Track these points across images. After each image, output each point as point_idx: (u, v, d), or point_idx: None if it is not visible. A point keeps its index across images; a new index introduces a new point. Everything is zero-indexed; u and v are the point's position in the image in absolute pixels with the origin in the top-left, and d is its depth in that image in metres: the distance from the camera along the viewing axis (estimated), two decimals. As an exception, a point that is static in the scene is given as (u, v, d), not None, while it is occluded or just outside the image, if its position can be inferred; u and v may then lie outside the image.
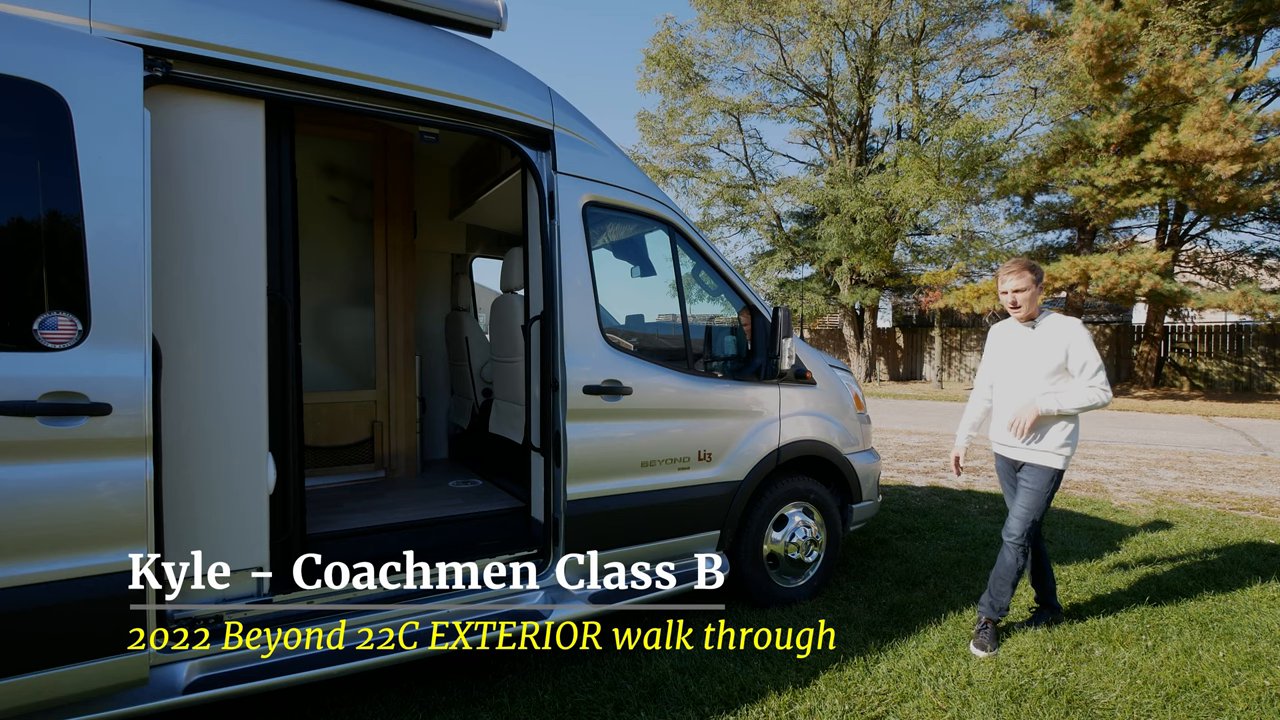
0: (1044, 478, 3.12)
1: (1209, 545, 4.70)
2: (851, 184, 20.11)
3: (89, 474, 1.89)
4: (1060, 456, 3.12)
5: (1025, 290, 3.12)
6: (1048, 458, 3.13)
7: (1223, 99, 13.99)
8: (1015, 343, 3.24)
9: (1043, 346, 3.11)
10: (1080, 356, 3.03)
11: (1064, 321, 3.12)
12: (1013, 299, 3.15)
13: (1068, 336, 3.07)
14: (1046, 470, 3.12)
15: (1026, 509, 3.14)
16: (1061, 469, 3.12)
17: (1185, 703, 2.65)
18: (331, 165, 4.53)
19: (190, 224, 2.21)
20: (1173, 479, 7.23)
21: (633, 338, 3.65)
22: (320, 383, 4.27)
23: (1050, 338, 3.11)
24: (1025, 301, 3.13)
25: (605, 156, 3.16)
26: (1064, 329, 3.09)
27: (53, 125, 1.86)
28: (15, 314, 1.82)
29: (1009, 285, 3.15)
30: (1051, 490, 3.13)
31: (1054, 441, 3.12)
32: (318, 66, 2.40)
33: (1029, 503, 3.14)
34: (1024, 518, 3.14)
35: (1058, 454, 3.12)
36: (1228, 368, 18.51)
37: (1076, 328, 3.08)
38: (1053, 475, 3.12)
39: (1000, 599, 3.17)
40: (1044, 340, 3.12)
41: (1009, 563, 3.18)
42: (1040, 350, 3.11)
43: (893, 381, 23.42)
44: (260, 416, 2.33)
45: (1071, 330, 3.08)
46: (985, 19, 20.63)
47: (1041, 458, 3.14)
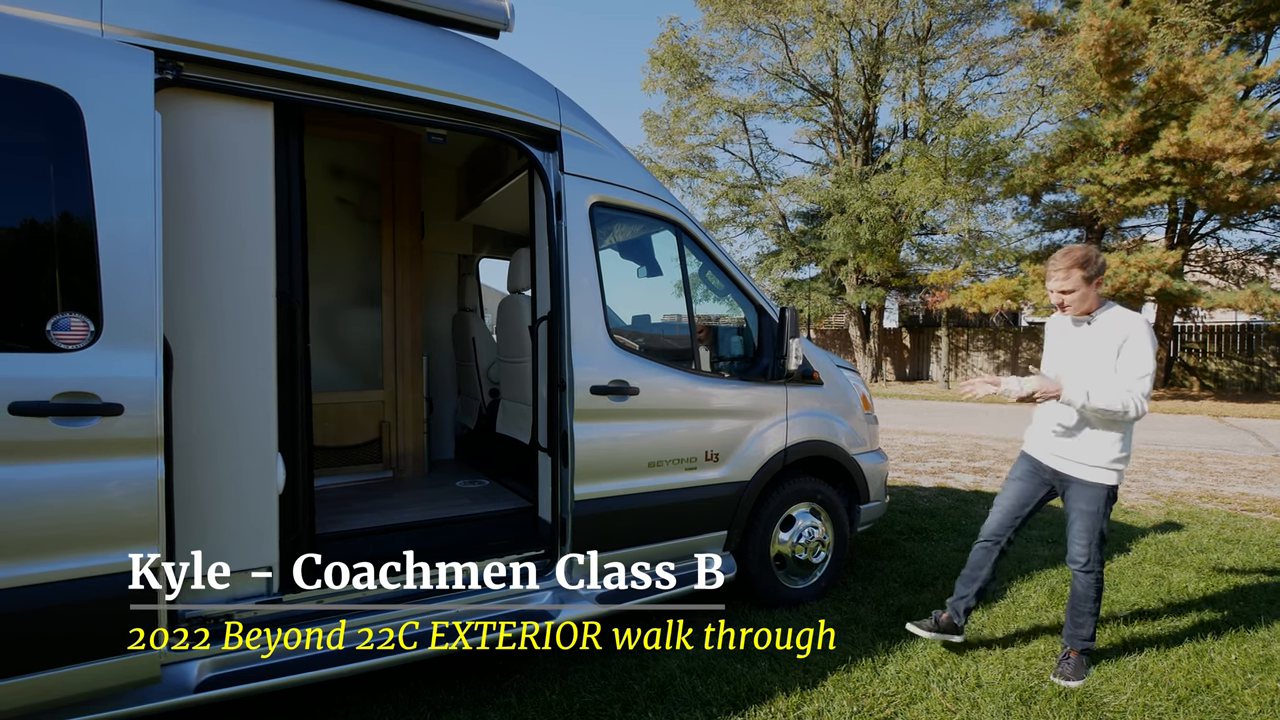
0: (1098, 497, 2.77)
1: (1220, 547, 4.67)
2: (857, 183, 20.06)
3: (101, 474, 1.91)
4: (1113, 471, 2.76)
5: (1073, 292, 2.73)
6: (1099, 473, 2.77)
7: (1233, 95, 13.90)
8: (1071, 337, 2.87)
9: (1098, 342, 2.74)
10: (1132, 355, 2.66)
11: (1125, 316, 2.72)
12: (1059, 299, 2.79)
13: (1126, 331, 2.68)
14: (1099, 488, 2.77)
15: (1088, 531, 2.80)
16: (1115, 485, 2.78)
17: (1197, 705, 2.63)
18: (339, 167, 4.55)
19: (200, 225, 2.23)
20: (1183, 480, 7.18)
21: (640, 338, 3.65)
22: (328, 383, 4.29)
23: (1107, 332, 2.73)
24: (1075, 302, 2.75)
25: (612, 157, 3.16)
26: (1124, 323, 2.70)
27: (65, 128, 1.88)
28: (29, 315, 1.84)
29: (1053, 285, 2.77)
30: (1109, 509, 2.80)
31: (1105, 454, 2.76)
32: (326, 68, 2.41)
33: (1088, 525, 2.79)
34: (1087, 541, 2.80)
35: (1110, 469, 2.76)
36: (1238, 368, 18.37)
37: (1138, 325, 2.67)
38: (1107, 493, 2.77)
39: (1082, 630, 2.86)
40: (1100, 335, 2.75)
41: (1080, 591, 2.86)
42: (1096, 346, 2.74)
43: (899, 382, 23.33)
44: (270, 417, 2.34)
45: (1132, 326, 2.68)
46: (992, 17, 20.58)
47: (1092, 474, 2.78)
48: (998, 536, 3.03)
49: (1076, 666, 2.83)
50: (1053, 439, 2.90)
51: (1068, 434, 2.84)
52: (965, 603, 3.06)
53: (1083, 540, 2.81)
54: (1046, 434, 2.94)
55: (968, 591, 3.06)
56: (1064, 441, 2.86)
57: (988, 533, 3.06)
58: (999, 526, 3.03)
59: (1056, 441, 2.89)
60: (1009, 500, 3.03)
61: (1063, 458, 2.87)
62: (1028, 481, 3.01)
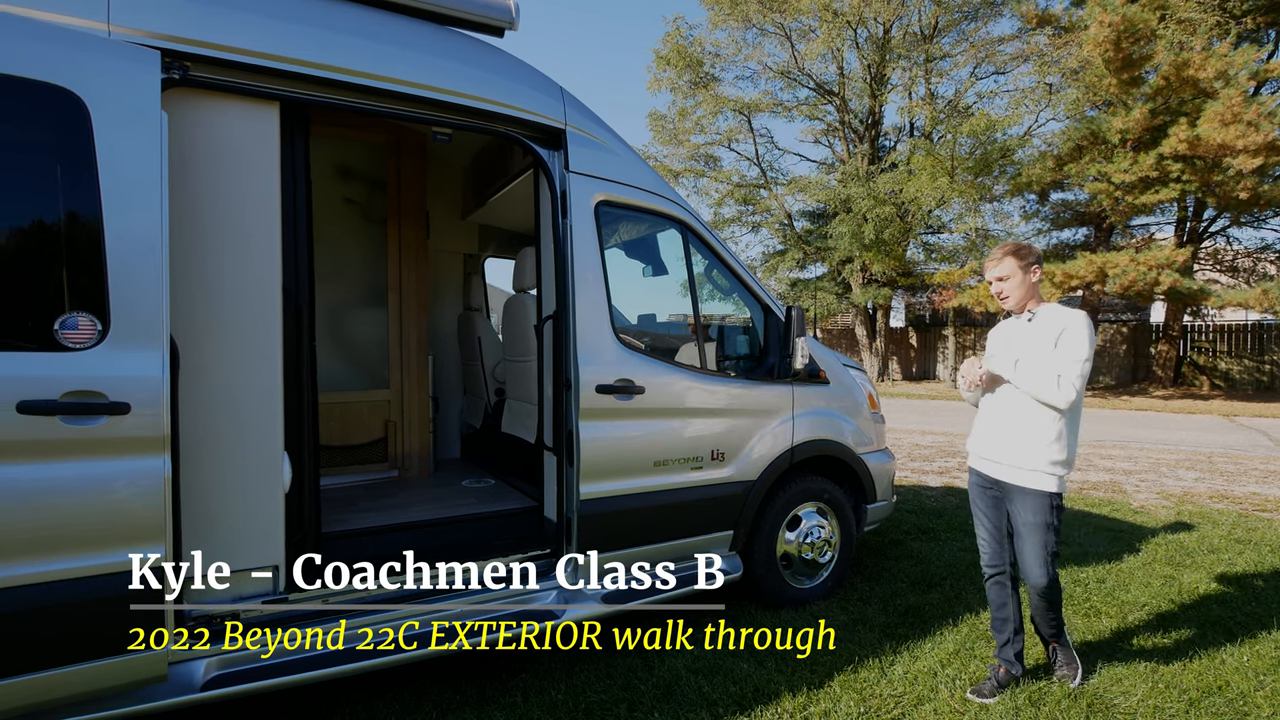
0: (1040, 506, 2.56)
1: (1231, 547, 4.62)
2: (864, 182, 19.99)
3: (108, 473, 1.91)
4: (1052, 476, 2.55)
5: (1009, 278, 2.64)
6: (1036, 478, 2.56)
7: (1245, 91, 13.77)
8: (1011, 337, 2.73)
9: (1037, 336, 2.61)
10: (1068, 343, 2.51)
11: (1063, 311, 2.61)
12: (998, 289, 2.68)
13: (1063, 323, 2.55)
14: (1040, 495, 2.56)
15: (1037, 547, 2.57)
16: (1057, 491, 2.56)
17: (1209, 707, 2.61)
18: (345, 167, 4.56)
19: (207, 225, 2.23)
20: (1193, 479, 7.12)
21: (645, 337, 3.65)
22: (334, 382, 4.30)
23: (1045, 326, 2.60)
24: (1012, 291, 2.64)
25: (617, 155, 3.16)
26: (1061, 317, 2.58)
27: (73, 128, 1.89)
28: (37, 314, 1.85)
29: (989, 274, 2.70)
30: (1056, 518, 2.57)
31: (1041, 456, 2.55)
32: (332, 68, 2.41)
33: (1037, 540, 2.57)
34: (1042, 559, 2.58)
35: (1048, 473, 2.55)
36: (1249, 367, 18.21)
37: (1077, 318, 2.55)
38: (1049, 500, 2.56)
39: (1051, 625, 2.75)
40: (1039, 330, 2.62)
41: (1038, 604, 2.70)
42: (1035, 340, 2.61)
43: (906, 381, 23.25)
44: (276, 416, 2.35)
45: (1069, 319, 2.56)
46: (998, 15, 20.45)
47: (1029, 478, 2.58)
48: (998, 565, 2.80)
49: (1067, 657, 2.81)
50: (988, 444, 2.73)
51: (1000, 436, 2.67)
52: (1013, 648, 2.78)
53: (1036, 558, 2.58)
54: (983, 439, 2.77)
55: (1007, 635, 2.80)
56: (998, 444, 2.68)
57: (986, 564, 2.85)
58: (992, 555, 2.81)
59: (991, 445, 2.72)
60: (984, 524, 2.82)
61: (997, 462, 2.69)
62: (984, 499, 2.80)
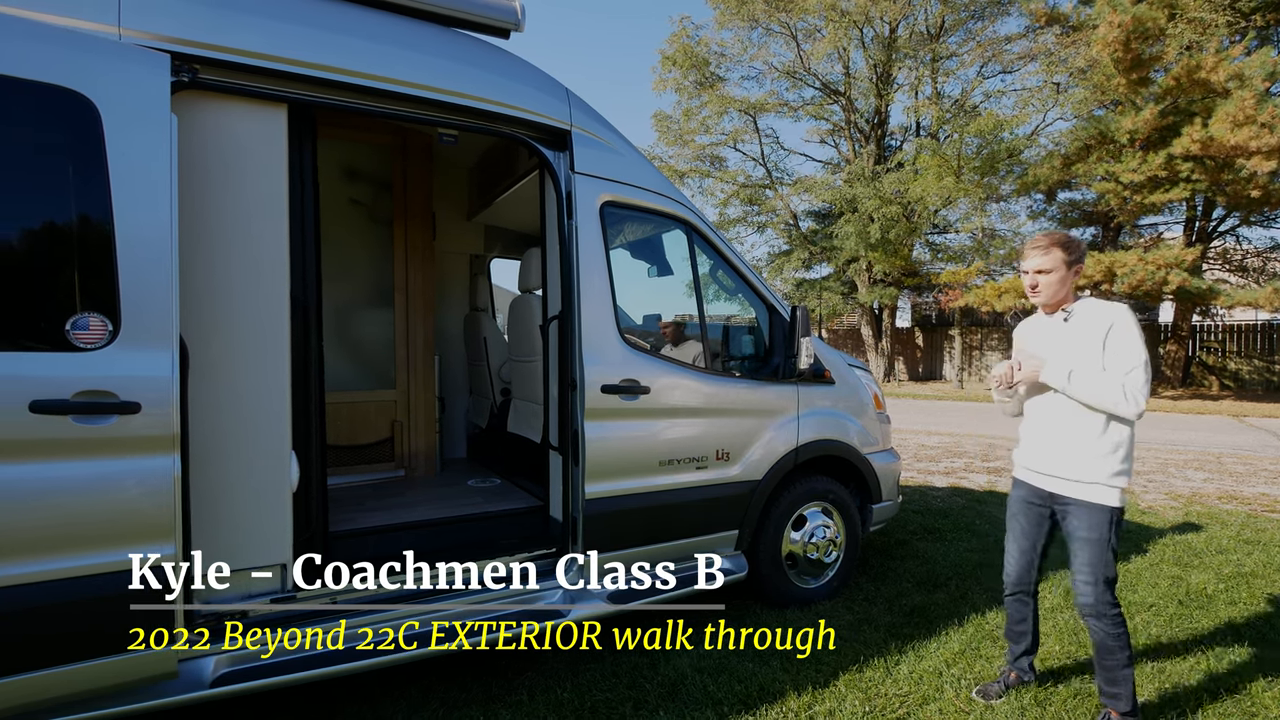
0: (1100, 522, 2.34)
1: (1240, 548, 4.59)
2: (869, 182, 19.94)
3: (119, 472, 1.93)
4: (1113, 490, 2.34)
5: (1051, 272, 2.40)
6: (1097, 491, 2.35)
7: (1259, 92, 13.65)
8: (1046, 336, 2.50)
9: (1079, 336, 2.37)
10: (1119, 346, 2.29)
11: (1104, 306, 2.37)
12: (1034, 281, 2.44)
13: (1108, 321, 2.31)
14: (1100, 510, 2.35)
15: (1091, 565, 2.36)
16: (1118, 506, 2.36)
17: (1217, 709, 2.59)
18: (352, 168, 4.59)
19: (215, 226, 2.25)
20: (1202, 480, 7.08)
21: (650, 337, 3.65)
22: (341, 382, 4.33)
23: (1087, 324, 2.36)
24: (1049, 286, 2.41)
25: (622, 156, 3.17)
26: (1104, 313, 2.34)
27: (84, 130, 1.91)
28: (49, 315, 1.87)
29: (1030, 264, 2.44)
30: (1115, 536, 2.36)
31: (1102, 468, 2.34)
32: (338, 70, 2.43)
33: (1092, 556, 2.36)
34: (1092, 579, 2.36)
35: (1109, 485, 2.34)
36: (1259, 367, 18.07)
37: (1121, 314, 2.32)
38: (1111, 516, 2.35)
39: (1117, 688, 2.40)
40: (1080, 328, 2.38)
41: (1099, 641, 2.40)
42: (1077, 340, 2.38)
43: (912, 381, 23.17)
44: (284, 415, 2.37)
45: (1114, 315, 2.32)
46: (1005, 14, 20.36)
47: (1089, 492, 2.37)
48: (1023, 585, 2.67)
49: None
50: (1040, 455, 2.52)
51: (1053, 446, 2.46)
52: (1027, 658, 2.75)
53: (1086, 576, 2.37)
54: (1033, 450, 2.57)
55: (1022, 647, 2.74)
56: (1051, 456, 2.47)
57: (1010, 583, 2.70)
58: (1019, 576, 2.66)
59: (1044, 458, 2.50)
60: (1018, 541, 2.65)
61: (1052, 475, 2.47)
62: (1027, 515, 2.61)
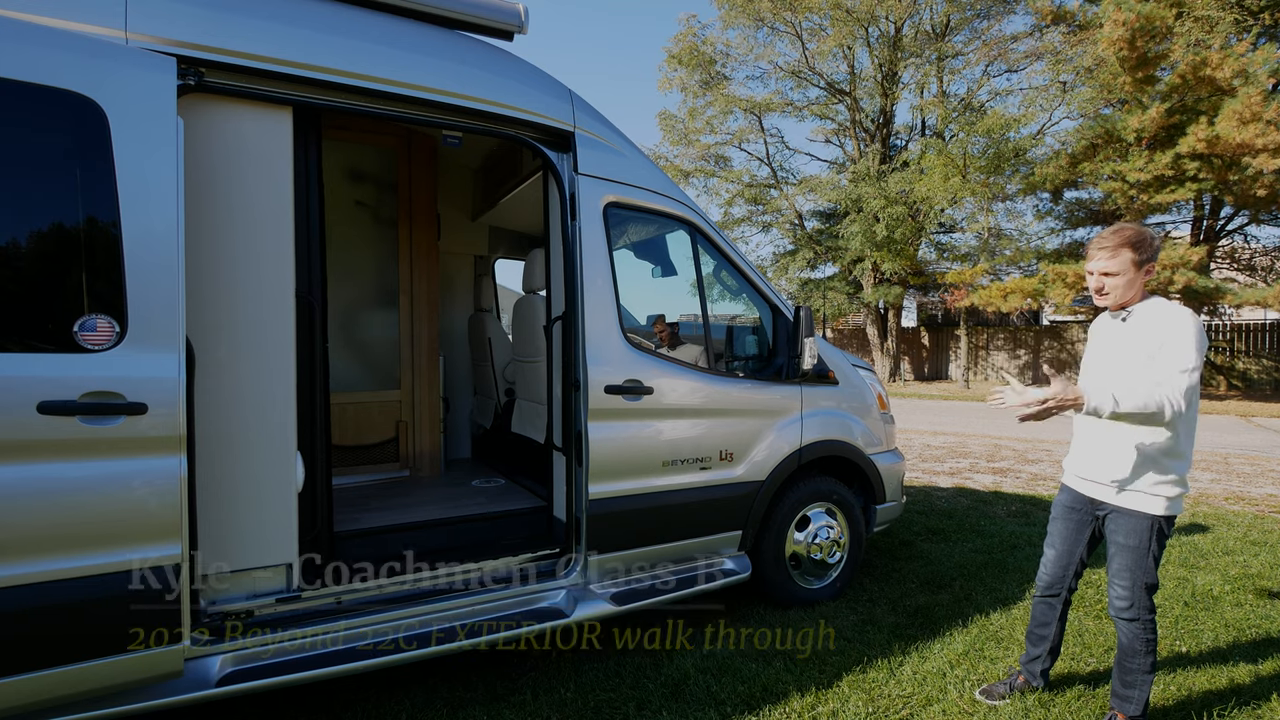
0: (1140, 529, 2.27)
1: (1246, 549, 4.57)
2: (875, 182, 19.89)
3: (126, 472, 1.95)
4: (1160, 499, 2.24)
5: (1119, 275, 2.25)
6: (1135, 498, 2.27)
7: (1265, 90, 13.57)
8: (1107, 338, 2.41)
9: (1134, 340, 2.25)
10: (1173, 348, 2.14)
11: (1166, 309, 2.22)
12: (1099, 284, 2.30)
13: (1167, 325, 2.17)
14: (1142, 518, 2.27)
15: (1129, 570, 2.29)
16: (1163, 515, 2.26)
17: (1223, 711, 2.58)
18: (357, 170, 4.60)
19: (222, 228, 2.27)
20: (1209, 481, 7.04)
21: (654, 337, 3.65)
22: (346, 383, 4.34)
23: (1141, 332, 2.24)
24: (1116, 288, 2.26)
25: (626, 157, 3.17)
26: (1163, 317, 2.20)
27: (91, 134, 1.92)
28: (56, 316, 1.89)
29: (1095, 265, 2.29)
30: (1157, 545, 2.27)
31: (1150, 476, 2.25)
32: (343, 72, 2.45)
33: (1129, 563, 2.29)
34: (1129, 582, 2.29)
35: (1153, 494, 2.24)
36: (1267, 366, 17.94)
37: (1183, 317, 2.16)
38: (1152, 524, 2.26)
39: (1131, 691, 2.36)
40: (1136, 332, 2.26)
41: (1125, 644, 2.36)
42: (1131, 345, 2.26)
43: (917, 381, 23.10)
44: (289, 416, 2.38)
45: (1174, 319, 2.17)
46: (1011, 13, 20.27)
47: (1132, 500, 2.28)
48: (1056, 589, 2.59)
49: None
50: (1088, 462, 2.43)
51: (1104, 454, 2.36)
52: (1040, 664, 2.68)
53: (1124, 580, 2.31)
54: (1078, 456, 2.49)
55: (1040, 651, 2.68)
56: (1100, 463, 2.37)
57: (1043, 585, 2.63)
58: (1053, 579, 2.59)
59: (1092, 464, 2.40)
60: (1055, 546, 2.59)
61: (1097, 482, 2.39)
62: (1067, 520, 2.54)
